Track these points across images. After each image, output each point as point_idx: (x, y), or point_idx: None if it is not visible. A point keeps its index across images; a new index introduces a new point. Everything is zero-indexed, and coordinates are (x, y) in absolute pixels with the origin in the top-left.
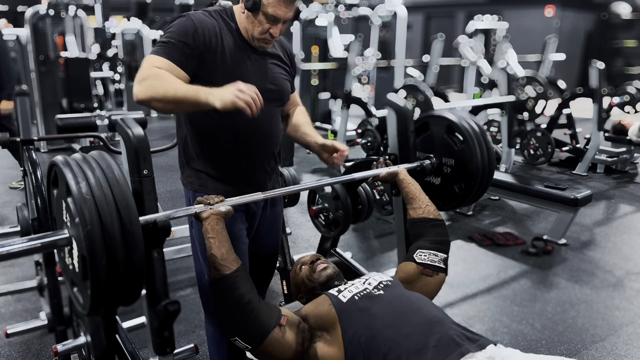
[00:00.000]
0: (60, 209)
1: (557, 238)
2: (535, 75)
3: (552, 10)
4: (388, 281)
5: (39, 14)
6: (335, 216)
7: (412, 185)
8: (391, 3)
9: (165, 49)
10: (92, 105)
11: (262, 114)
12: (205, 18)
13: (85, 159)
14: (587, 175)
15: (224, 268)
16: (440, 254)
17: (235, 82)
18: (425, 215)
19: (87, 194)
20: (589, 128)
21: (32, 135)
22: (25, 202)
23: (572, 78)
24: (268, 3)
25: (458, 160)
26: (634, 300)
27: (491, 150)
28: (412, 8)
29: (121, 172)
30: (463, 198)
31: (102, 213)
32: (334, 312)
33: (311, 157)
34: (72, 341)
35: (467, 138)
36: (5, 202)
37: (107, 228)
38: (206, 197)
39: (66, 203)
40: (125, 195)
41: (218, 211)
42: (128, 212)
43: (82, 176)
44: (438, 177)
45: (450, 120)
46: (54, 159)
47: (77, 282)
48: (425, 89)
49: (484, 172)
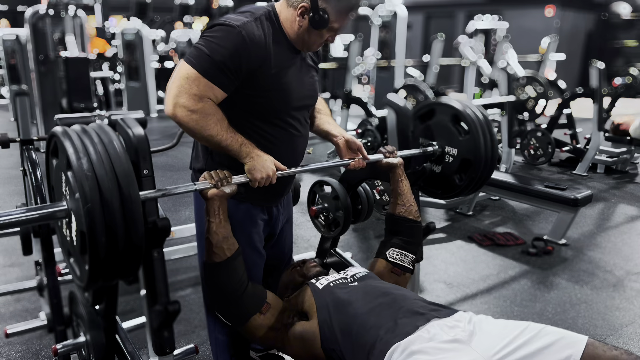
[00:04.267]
0: (59, 181)
1: (557, 238)
2: (535, 75)
3: (552, 10)
4: (363, 273)
5: (39, 14)
6: (335, 216)
7: (404, 182)
8: (391, 3)
9: (208, 65)
10: (92, 105)
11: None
12: (255, 30)
13: (86, 131)
14: (587, 176)
15: (215, 256)
16: (411, 255)
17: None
18: (406, 215)
19: (88, 170)
20: (589, 128)
21: (32, 135)
22: (25, 202)
23: (572, 78)
24: (336, 19)
25: (461, 150)
26: (634, 300)
27: (495, 143)
28: (412, 8)
29: (122, 146)
30: (463, 189)
31: (103, 190)
32: (312, 296)
33: (311, 157)
34: (72, 341)
35: (472, 128)
36: (5, 202)
37: (107, 205)
38: (211, 174)
39: (66, 176)
40: (126, 171)
41: (222, 192)
42: (129, 189)
43: (84, 151)
44: (439, 166)
45: (456, 109)
46: (54, 129)
47: (75, 255)
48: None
49: (486, 164)
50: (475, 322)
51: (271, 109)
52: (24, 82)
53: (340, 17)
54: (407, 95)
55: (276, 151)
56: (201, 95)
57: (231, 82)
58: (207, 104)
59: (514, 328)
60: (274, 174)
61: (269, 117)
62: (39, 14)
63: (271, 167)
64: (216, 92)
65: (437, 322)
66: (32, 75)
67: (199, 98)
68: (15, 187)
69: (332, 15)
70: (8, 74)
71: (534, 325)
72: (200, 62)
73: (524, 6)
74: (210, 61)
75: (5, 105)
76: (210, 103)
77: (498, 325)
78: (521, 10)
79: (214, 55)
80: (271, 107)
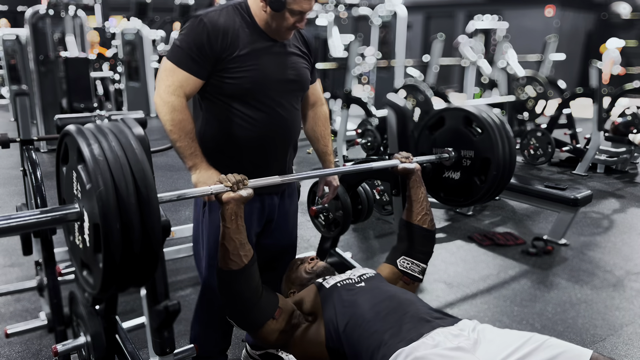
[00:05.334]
0: (70, 184)
1: (557, 238)
2: (535, 75)
3: (552, 10)
4: (370, 274)
5: (39, 14)
6: (335, 216)
7: (420, 188)
8: (391, 3)
9: (179, 55)
10: (92, 105)
11: (283, 105)
12: (218, 18)
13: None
14: (587, 175)
15: (232, 263)
16: (422, 264)
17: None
18: (420, 224)
19: (99, 155)
20: (589, 128)
21: (32, 135)
22: (25, 202)
23: (572, 78)
24: (293, 0)
25: (477, 150)
26: (634, 300)
27: (511, 138)
28: (412, 8)
29: (135, 137)
30: (485, 191)
31: (115, 175)
32: (319, 296)
33: (311, 157)
34: (72, 341)
35: (485, 127)
36: (5, 202)
37: (121, 191)
38: (228, 177)
39: (77, 172)
40: (140, 159)
41: (239, 196)
42: (143, 176)
43: (95, 139)
44: (457, 172)
45: (466, 111)
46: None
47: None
48: (425, 89)
49: (504, 160)
50: (480, 331)
51: (246, 90)
52: (24, 82)
53: None
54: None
55: (257, 132)
56: (175, 86)
57: (201, 67)
58: (177, 100)
59: (517, 338)
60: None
61: (246, 99)
62: (39, 14)
63: (214, 180)
64: (190, 79)
65: (441, 330)
66: (32, 75)
67: (173, 89)
68: (16, 187)
69: None
70: (8, 74)
71: (537, 337)
72: (174, 54)
73: (523, 6)
74: (180, 52)
75: (5, 105)
76: (180, 100)
77: (502, 335)
78: (521, 10)
79: (183, 45)
80: (245, 88)
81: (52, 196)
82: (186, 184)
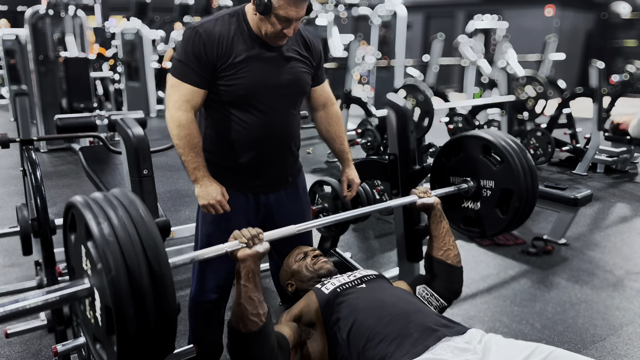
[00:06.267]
0: (79, 256)
1: (557, 238)
2: (535, 75)
3: (552, 10)
4: (372, 275)
5: (39, 14)
6: None
7: (442, 223)
8: (391, 3)
9: (181, 70)
10: (91, 105)
11: (278, 110)
12: (213, 27)
13: (106, 198)
14: (587, 175)
15: (252, 324)
16: (442, 300)
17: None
18: (444, 259)
19: (109, 235)
20: (589, 128)
21: (32, 135)
22: (25, 202)
23: (572, 78)
24: (279, 5)
25: (498, 180)
26: (634, 300)
27: (532, 166)
28: (412, 8)
29: (145, 209)
30: (508, 223)
31: (127, 256)
32: (319, 304)
33: (311, 157)
34: (72, 341)
35: (505, 156)
36: (5, 202)
37: (133, 273)
38: (242, 232)
39: (86, 248)
40: (152, 234)
41: (256, 252)
42: (156, 254)
43: (104, 216)
44: (477, 202)
45: (485, 139)
46: (72, 199)
47: (101, 338)
48: (425, 89)
49: (527, 191)
50: (486, 342)
51: (240, 96)
52: (24, 82)
53: (284, 4)
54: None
55: (252, 137)
56: (182, 101)
57: (201, 77)
58: (183, 115)
59: (523, 349)
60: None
61: (241, 105)
62: (39, 14)
63: (213, 196)
64: (195, 92)
65: (447, 344)
66: (32, 75)
67: (180, 104)
68: (15, 187)
69: (274, 1)
70: (8, 74)
71: (543, 347)
72: (176, 69)
73: (523, 6)
74: (181, 66)
75: (5, 105)
76: (187, 115)
77: (508, 347)
78: (521, 10)
79: (182, 58)
80: (239, 95)
81: (52, 196)
82: (186, 184)
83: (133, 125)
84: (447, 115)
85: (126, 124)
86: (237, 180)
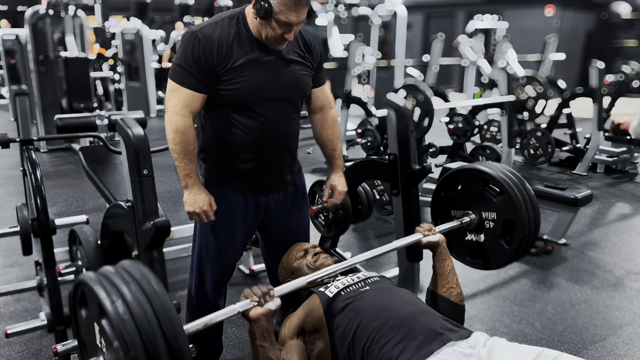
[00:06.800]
0: (91, 333)
1: (557, 238)
2: (535, 75)
3: (552, 10)
4: (375, 277)
5: (39, 14)
6: (335, 216)
7: (446, 261)
8: (391, 3)
9: (180, 74)
10: (92, 105)
11: (277, 113)
12: (212, 32)
13: (117, 272)
14: (587, 175)
15: None
16: None
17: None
18: (447, 297)
19: (124, 313)
20: (589, 128)
21: (32, 135)
22: (25, 202)
23: (572, 78)
24: (280, 11)
25: (499, 212)
26: (634, 300)
27: (532, 196)
28: (412, 8)
29: (157, 280)
30: (514, 252)
31: (144, 334)
32: (322, 307)
33: (311, 157)
34: (72, 341)
35: (504, 187)
36: (6, 202)
37: (151, 350)
38: (253, 291)
39: (100, 326)
40: (166, 307)
41: (268, 310)
42: (172, 327)
43: (117, 293)
44: (481, 234)
45: (482, 171)
46: (82, 277)
47: None
48: (425, 89)
49: (530, 221)
50: (490, 346)
51: (239, 101)
52: (24, 82)
53: (284, 9)
54: (407, 95)
55: (252, 140)
56: (181, 106)
57: (201, 82)
58: (181, 120)
59: (527, 353)
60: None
61: (240, 109)
62: (39, 14)
63: (199, 205)
64: (194, 97)
65: (452, 349)
66: (32, 75)
67: (178, 109)
68: (15, 187)
69: (275, 6)
70: (8, 74)
71: (548, 352)
72: (175, 74)
73: (523, 6)
74: (180, 70)
75: (5, 105)
76: (184, 120)
77: (511, 351)
78: (521, 10)
79: (181, 63)
80: (238, 99)
81: (52, 196)
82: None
83: (133, 125)
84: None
85: (126, 124)
86: (237, 182)
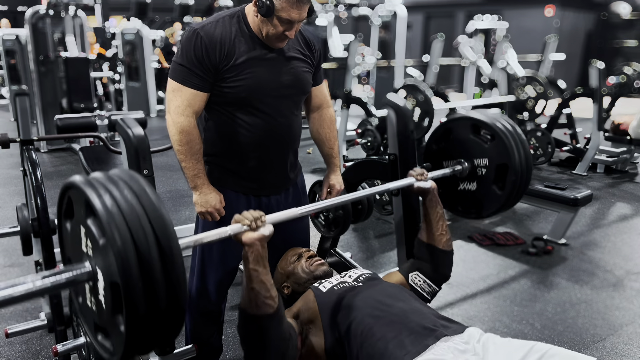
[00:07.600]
0: (77, 240)
1: (557, 238)
2: (535, 75)
3: (552, 10)
4: (367, 274)
5: (39, 14)
6: (335, 216)
7: (436, 208)
8: (391, 3)
9: (182, 73)
10: (92, 106)
11: (280, 111)
12: (214, 29)
13: (108, 175)
14: (587, 175)
15: (266, 307)
16: (434, 286)
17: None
18: (435, 244)
19: (112, 206)
20: (589, 128)
21: (32, 135)
22: (25, 202)
23: (572, 78)
24: (281, 8)
25: (491, 157)
26: (634, 300)
27: (524, 140)
28: (412, 8)
29: (148, 184)
30: (506, 198)
31: (133, 228)
32: (316, 302)
33: (311, 157)
34: (72, 341)
35: (496, 131)
36: (6, 202)
37: (140, 245)
38: (244, 215)
39: (86, 227)
40: (157, 206)
41: (262, 235)
42: (163, 225)
43: (105, 189)
44: (474, 182)
45: (473, 118)
46: (69, 180)
47: (104, 323)
48: (425, 89)
49: (521, 163)
50: (484, 342)
51: (242, 98)
52: (24, 82)
53: (286, 6)
54: (407, 95)
55: (255, 138)
56: (184, 106)
57: (203, 80)
58: (185, 121)
59: (520, 347)
60: (216, 210)
61: (243, 106)
62: (39, 14)
63: (212, 204)
64: (197, 95)
65: (447, 344)
66: (32, 75)
67: (182, 110)
68: (16, 187)
69: (277, 4)
70: (8, 74)
71: (540, 345)
72: (176, 73)
73: (523, 6)
74: (181, 69)
75: (5, 105)
76: (189, 120)
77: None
78: (521, 10)
79: (183, 61)
80: (241, 97)
81: (52, 196)
82: (186, 184)
83: (133, 125)
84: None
85: (126, 124)
86: (239, 183)
